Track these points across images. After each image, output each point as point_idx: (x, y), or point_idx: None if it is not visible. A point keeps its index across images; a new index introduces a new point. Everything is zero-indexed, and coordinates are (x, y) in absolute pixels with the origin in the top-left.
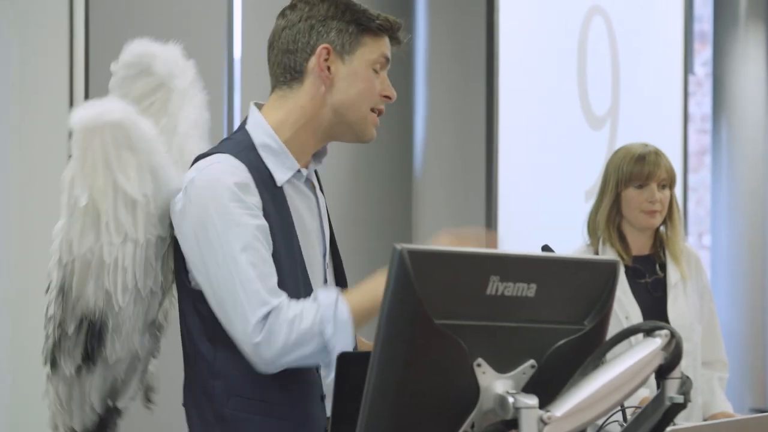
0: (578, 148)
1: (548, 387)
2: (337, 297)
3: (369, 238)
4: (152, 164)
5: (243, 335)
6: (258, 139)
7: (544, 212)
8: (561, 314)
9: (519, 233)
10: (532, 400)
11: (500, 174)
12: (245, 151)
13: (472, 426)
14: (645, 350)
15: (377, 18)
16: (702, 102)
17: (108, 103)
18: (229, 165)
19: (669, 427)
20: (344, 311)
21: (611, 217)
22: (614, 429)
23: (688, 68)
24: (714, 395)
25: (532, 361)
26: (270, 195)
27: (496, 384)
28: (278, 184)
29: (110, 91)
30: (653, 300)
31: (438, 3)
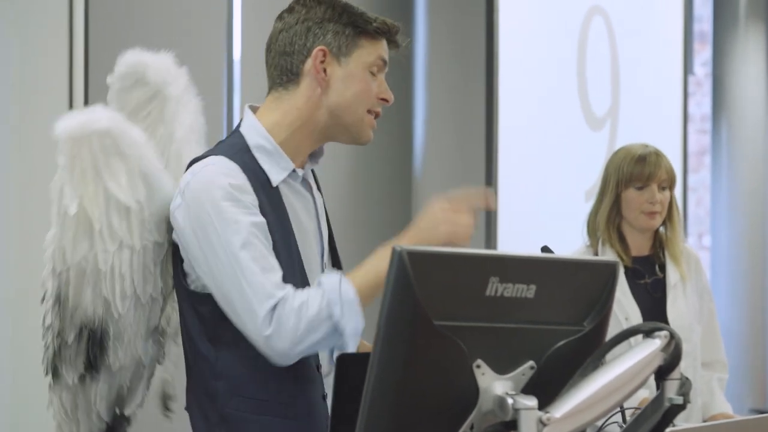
0: (578, 149)
1: (547, 388)
2: (341, 278)
3: (369, 240)
4: (143, 170)
5: (253, 330)
6: (252, 141)
7: (544, 213)
8: (560, 315)
9: (519, 234)
10: (532, 402)
11: (500, 174)
12: (240, 153)
13: (471, 427)
14: (644, 351)
15: (374, 21)
16: (702, 102)
17: (94, 112)
18: (224, 166)
19: (668, 429)
20: (349, 291)
21: (611, 218)
22: (614, 430)
23: (688, 68)
24: (713, 396)
25: (532, 362)
26: (266, 195)
27: (496, 385)
28: (273, 185)
29: (108, 104)
30: (653, 301)
31: (437, 3)
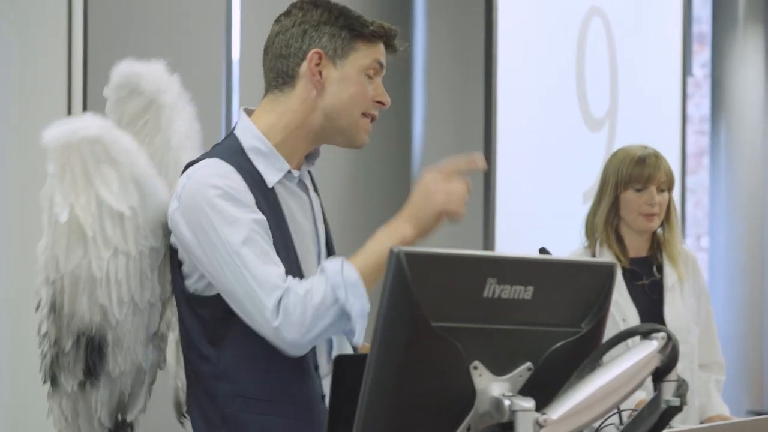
0: (576, 150)
1: (545, 390)
2: (342, 262)
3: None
4: (135, 176)
5: (263, 323)
6: (247, 143)
7: (542, 214)
8: (558, 317)
9: (517, 235)
10: (529, 403)
11: (498, 175)
12: (234, 155)
13: (468, 428)
14: (642, 353)
15: (371, 24)
16: (700, 103)
17: (83, 120)
18: (218, 168)
19: (665, 430)
20: (351, 272)
21: (609, 219)
22: None
23: (687, 70)
24: (710, 398)
25: (529, 364)
26: (262, 196)
27: (493, 386)
28: (269, 186)
29: (107, 115)
30: (650, 302)
31: (437, 4)
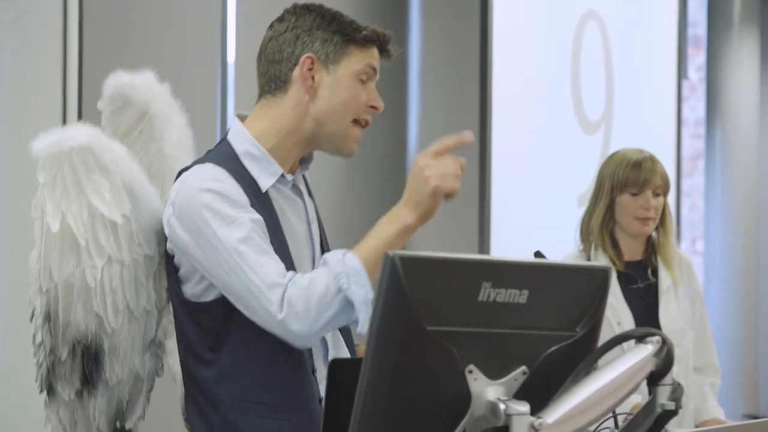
0: (572, 153)
1: (540, 393)
2: (344, 251)
3: None
4: (127, 184)
5: (268, 318)
6: (240, 148)
7: (537, 217)
8: (553, 321)
9: (512, 238)
10: (524, 407)
11: (493, 178)
12: (228, 160)
13: None
14: (637, 357)
15: (364, 29)
16: (696, 107)
17: (73, 129)
18: (212, 172)
19: None
20: (353, 261)
21: (605, 223)
22: None
23: (682, 73)
24: (706, 401)
25: (524, 368)
26: (256, 200)
27: (488, 390)
28: (263, 190)
29: (103, 129)
30: (645, 305)
31: (432, 8)
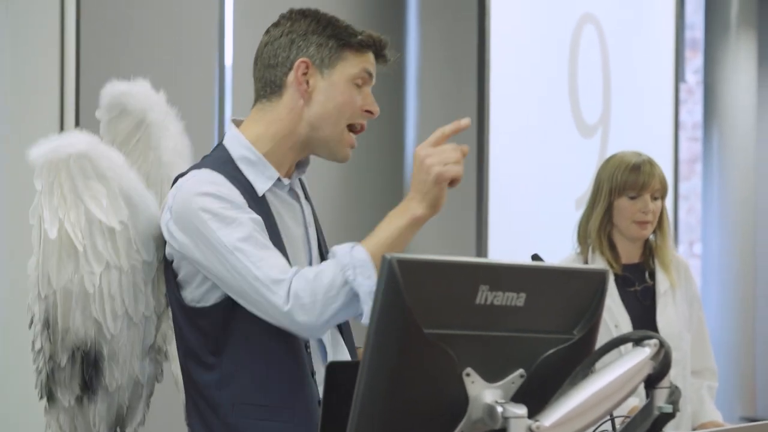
0: (569, 156)
1: (537, 396)
2: (353, 244)
3: None
4: (124, 190)
5: (273, 311)
6: (236, 153)
7: (535, 219)
8: (550, 324)
9: (509, 241)
10: (521, 410)
11: (491, 181)
12: (224, 165)
13: None
14: (634, 360)
15: (360, 34)
16: (693, 110)
17: (69, 136)
18: (208, 176)
19: None
20: (361, 252)
21: (602, 226)
22: None
23: (680, 76)
24: (703, 404)
25: (521, 371)
26: (253, 204)
27: (485, 393)
28: (259, 194)
29: (102, 137)
30: (642, 308)
31: (429, 10)
